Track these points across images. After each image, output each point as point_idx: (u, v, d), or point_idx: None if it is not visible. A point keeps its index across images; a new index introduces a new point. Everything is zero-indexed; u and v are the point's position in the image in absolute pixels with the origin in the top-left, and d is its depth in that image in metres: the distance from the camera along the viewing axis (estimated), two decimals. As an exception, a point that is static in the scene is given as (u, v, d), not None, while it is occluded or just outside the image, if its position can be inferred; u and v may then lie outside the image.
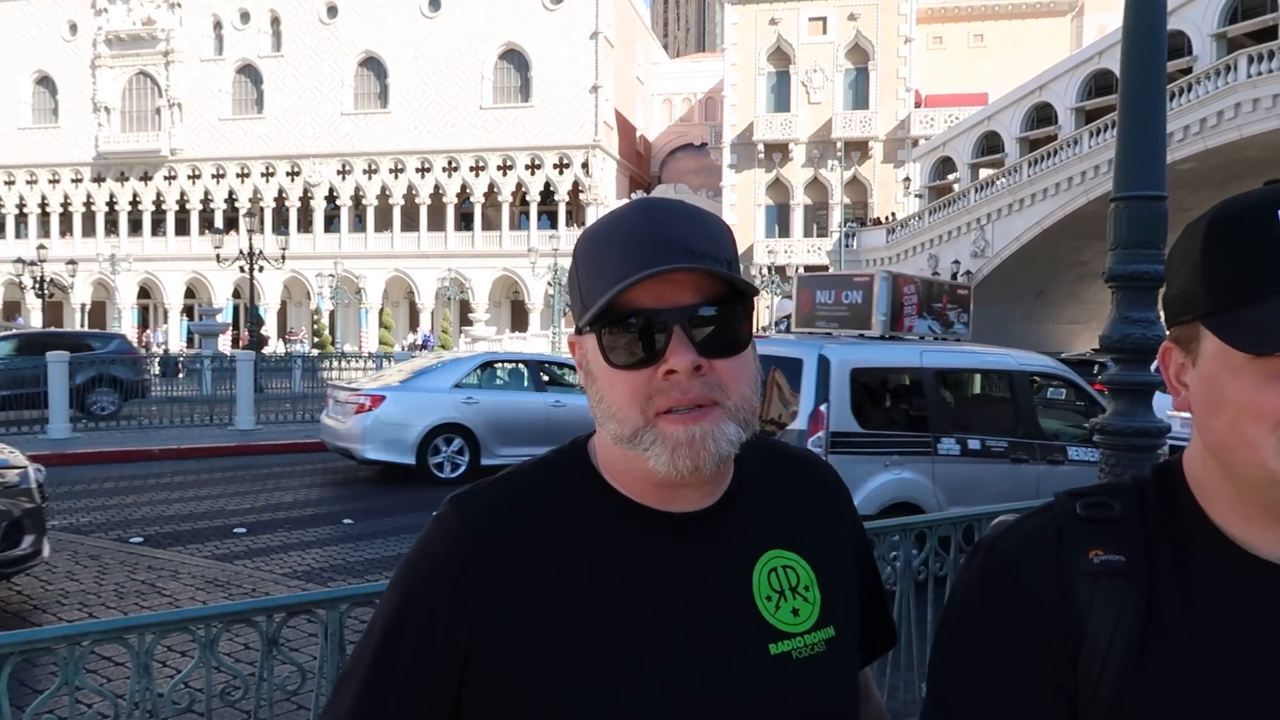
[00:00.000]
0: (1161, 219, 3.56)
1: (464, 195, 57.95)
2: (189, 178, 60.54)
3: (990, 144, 41.99)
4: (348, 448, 11.73)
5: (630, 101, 62.69)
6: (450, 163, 57.61)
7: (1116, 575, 0.86)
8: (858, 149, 52.23)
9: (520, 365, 13.34)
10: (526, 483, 1.02)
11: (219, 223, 54.80)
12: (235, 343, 38.35)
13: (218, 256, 29.97)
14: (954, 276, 37.52)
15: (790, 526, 1.03)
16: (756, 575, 0.99)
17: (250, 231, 29.96)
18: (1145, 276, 3.53)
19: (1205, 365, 0.84)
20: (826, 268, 48.47)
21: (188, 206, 60.76)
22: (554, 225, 56.89)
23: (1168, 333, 0.91)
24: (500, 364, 13.36)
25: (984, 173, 41.18)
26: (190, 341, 50.00)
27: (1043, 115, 40.13)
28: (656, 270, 0.88)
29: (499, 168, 57.27)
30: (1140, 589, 0.85)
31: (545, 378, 13.01)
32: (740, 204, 53.88)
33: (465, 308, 54.16)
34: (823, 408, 6.51)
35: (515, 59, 56.93)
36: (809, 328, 8.47)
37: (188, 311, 58.03)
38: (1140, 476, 0.93)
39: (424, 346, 45.39)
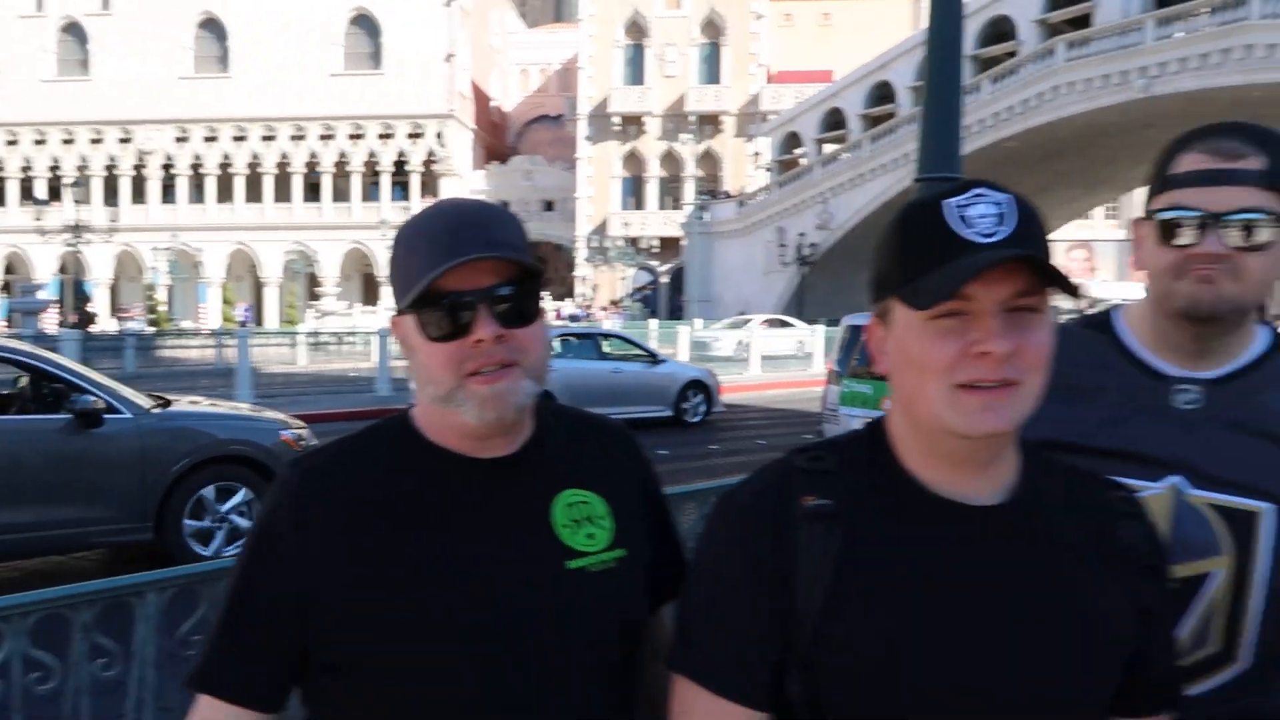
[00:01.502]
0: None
1: (312, 165, 55.73)
2: (7, 143, 55.84)
3: (834, 120, 43.66)
4: None
5: (486, 71, 61.72)
6: (298, 130, 55.27)
7: (825, 517, 1.05)
8: (710, 123, 53.23)
9: (580, 338, 15.17)
10: (356, 445, 1.22)
11: (41, 192, 50.90)
12: (62, 322, 35.87)
13: (40, 229, 27.98)
14: (799, 248, 39.02)
15: (585, 470, 1.27)
16: (556, 508, 1.20)
17: (77, 202, 28.08)
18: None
19: (896, 331, 1.05)
20: (679, 240, 49.39)
21: (4, 174, 56.11)
22: (407, 196, 55.54)
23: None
24: (565, 337, 14.90)
25: (828, 148, 42.81)
26: (10, 321, 46.35)
27: (884, 93, 42.01)
28: (462, 259, 1.09)
29: (350, 137, 55.36)
30: (844, 527, 1.04)
31: (606, 348, 14.88)
32: (596, 176, 54.10)
33: (313, 281, 52.41)
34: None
35: (366, 24, 54.99)
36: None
37: (5, 288, 53.73)
38: (857, 433, 1.16)
39: (244, 323, 43.41)
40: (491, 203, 1.22)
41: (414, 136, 55.46)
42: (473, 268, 1.10)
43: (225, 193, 55.83)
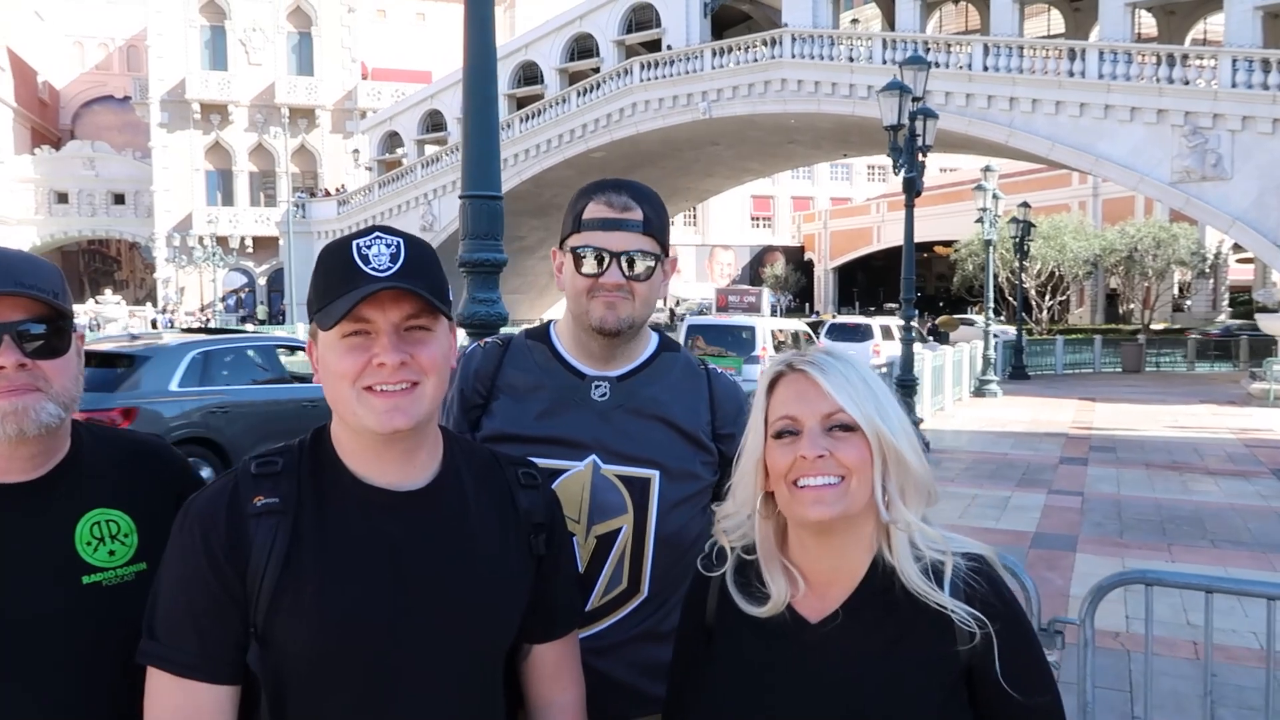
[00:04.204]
0: (498, 215, 4.34)
1: None
2: None
3: (435, 122, 43.70)
4: None
5: (27, 40, 53.26)
6: None
7: (272, 513, 1.25)
8: (304, 117, 50.68)
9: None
10: None
11: None
12: None
13: None
14: (406, 249, 38.51)
15: (115, 490, 1.40)
16: (80, 526, 1.34)
17: None
18: (487, 263, 4.29)
19: (319, 349, 1.30)
20: (277, 239, 46.51)
21: None
22: (-74, 183, 46.50)
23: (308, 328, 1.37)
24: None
25: (429, 149, 42.79)
26: None
27: (481, 98, 42.77)
28: None
29: None
30: (289, 518, 1.25)
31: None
32: (175, 167, 49.05)
33: None
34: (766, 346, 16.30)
35: None
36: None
37: None
38: (304, 438, 1.38)
39: None
40: (28, 252, 1.37)
41: (-68, 111, 46.50)
42: (3, 303, 1.25)
43: None
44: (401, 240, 1.29)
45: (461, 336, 2.33)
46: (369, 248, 1.26)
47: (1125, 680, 4.63)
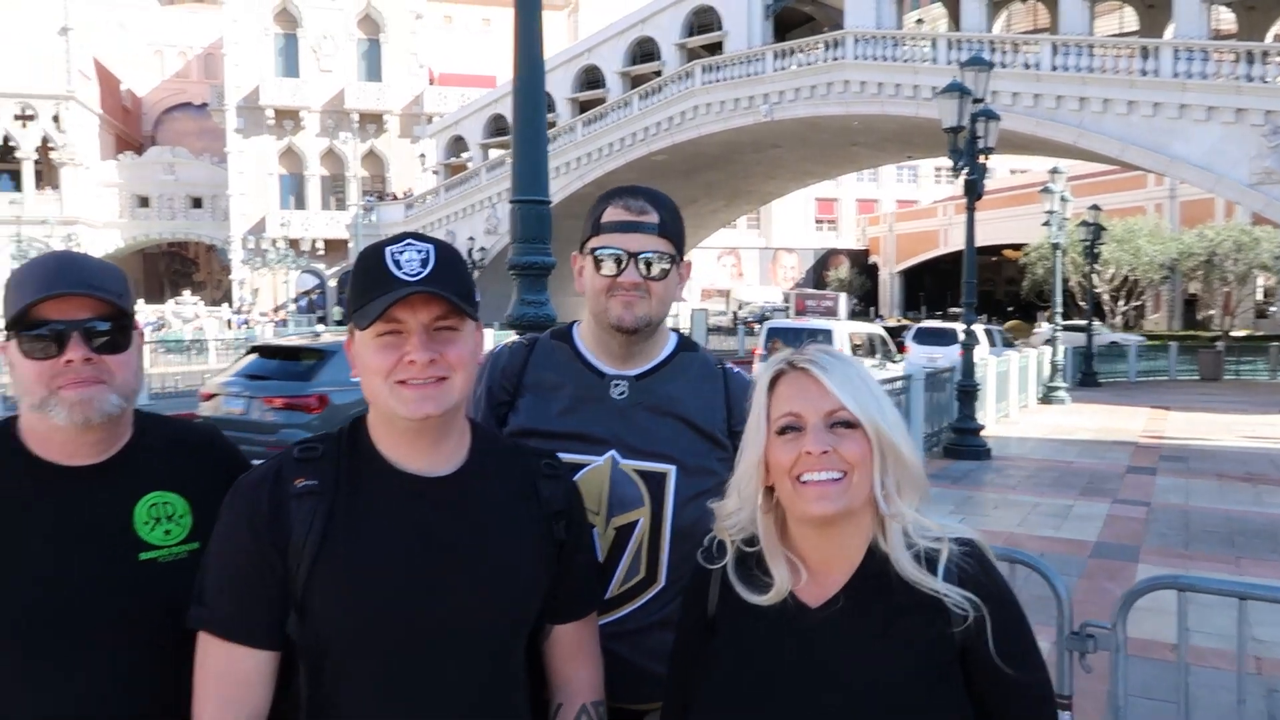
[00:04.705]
0: (547, 219, 4.44)
1: (-115, 146, 47.08)
2: None
3: (498, 126, 44.26)
4: None
5: (113, 50, 55.39)
6: None
7: (312, 494, 1.37)
8: (373, 122, 51.75)
9: None
10: None
11: None
12: None
13: None
14: (470, 253, 39.18)
15: (173, 474, 1.52)
16: (139, 508, 1.47)
17: None
18: (536, 266, 4.38)
19: (356, 347, 1.41)
20: (347, 242, 47.58)
21: None
22: (19, 187, 48.55)
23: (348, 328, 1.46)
24: None
25: (494, 153, 43.36)
26: None
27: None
28: (58, 292, 1.38)
29: (-64, 115, 47.37)
30: (327, 500, 1.37)
31: None
32: (249, 171, 50.45)
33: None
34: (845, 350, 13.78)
35: (-48, -15, 47.24)
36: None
37: None
38: (344, 427, 1.49)
39: None
40: (95, 256, 1.51)
41: (24, 119, 48.53)
42: (72, 302, 1.38)
43: None
44: (432, 247, 1.39)
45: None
46: (401, 254, 1.36)
47: (1179, 693, 4.52)
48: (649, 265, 1.73)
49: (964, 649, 1.31)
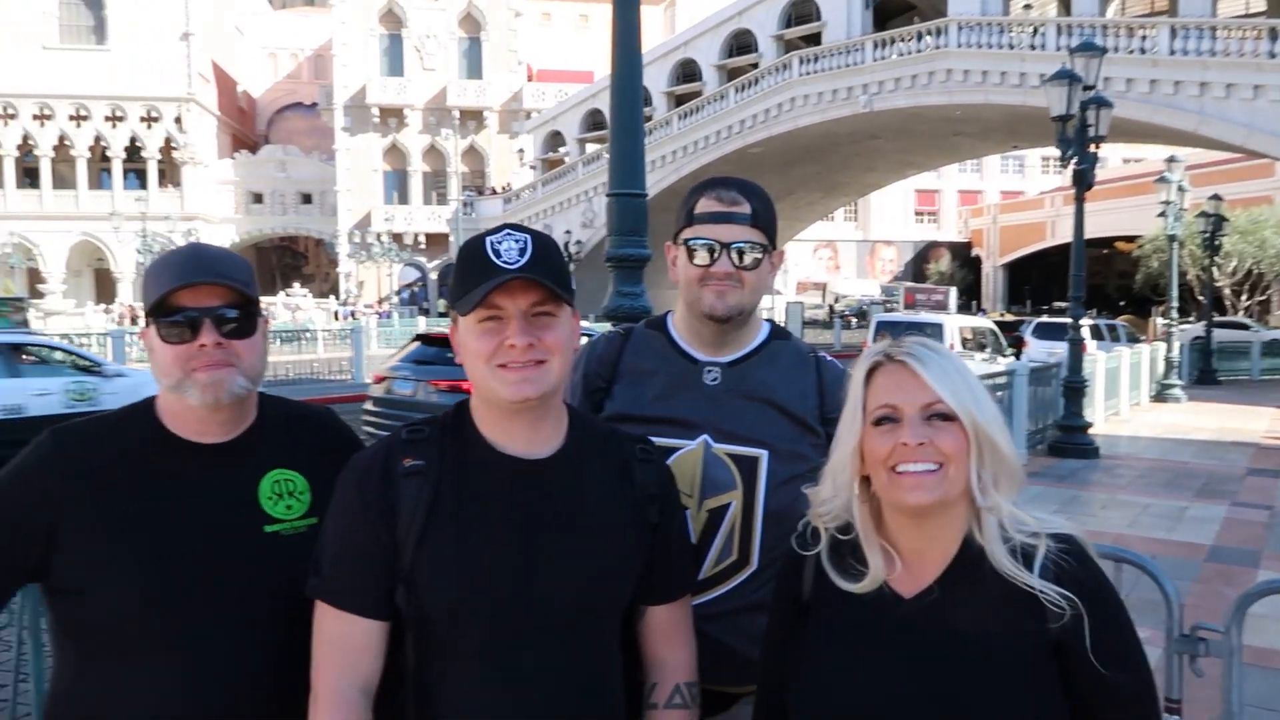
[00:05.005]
0: (643, 212, 4.49)
1: (26, 148, 50.17)
2: None
3: (595, 121, 44.58)
4: None
5: (229, 53, 57.91)
6: (5, 109, 49.53)
7: (419, 474, 1.43)
8: (473, 118, 52.83)
9: None
10: (106, 422, 1.57)
11: None
12: None
13: None
14: (566, 246, 39.63)
15: (293, 453, 1.62)
16: (263, 483, 1.56)
17: None
18: (632, 258, 4.43)
19: (459, 332, 1.47)
20: (448, 236, 48.72)
21: None
22: (144, 185, 51.24)
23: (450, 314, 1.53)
24: None
25: (590, 147, 43.72)
26: None
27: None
28: (191, 281, 1.50)
29: (71, 118, 50.28)
30: (432, 479, 1.43)
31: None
32: (355, 168, 52.20)
33: (35, 277, 47.21)
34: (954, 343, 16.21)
35: (86, -6, 50.09)
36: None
37: None
38: (449, 410, 1.56)
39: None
40: (223, 246, 1.62)
41: (149, 121, 51.18)
42: (204, 291, 1.49)
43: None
44: (529, 236, 1.44)
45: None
46: (500, 243, 1.43)
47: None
48: (741, 255, 1.76)
49: (1061, 647, 1.30)
